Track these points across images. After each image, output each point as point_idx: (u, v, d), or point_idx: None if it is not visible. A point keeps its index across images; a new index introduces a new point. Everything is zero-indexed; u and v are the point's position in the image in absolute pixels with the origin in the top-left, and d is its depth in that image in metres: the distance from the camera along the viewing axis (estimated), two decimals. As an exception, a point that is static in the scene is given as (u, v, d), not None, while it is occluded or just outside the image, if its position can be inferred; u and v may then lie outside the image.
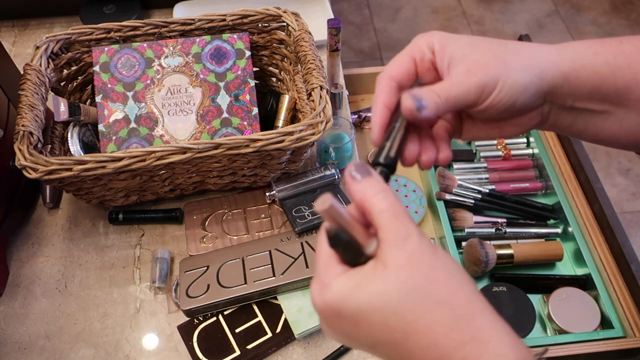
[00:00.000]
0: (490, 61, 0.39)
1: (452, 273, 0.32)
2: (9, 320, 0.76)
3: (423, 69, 0.41)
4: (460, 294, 0.32)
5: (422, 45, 0.41)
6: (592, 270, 1.02)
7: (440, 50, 0.40)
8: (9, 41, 1.14)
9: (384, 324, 0.32)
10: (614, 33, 2.18)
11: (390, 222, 0.33)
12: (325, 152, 0.86)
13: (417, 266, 0.32)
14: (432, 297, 0.31)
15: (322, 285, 0.34)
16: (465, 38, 0.40)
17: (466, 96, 0.39)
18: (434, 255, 0.33)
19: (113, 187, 0.77)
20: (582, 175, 1.15)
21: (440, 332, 0.31)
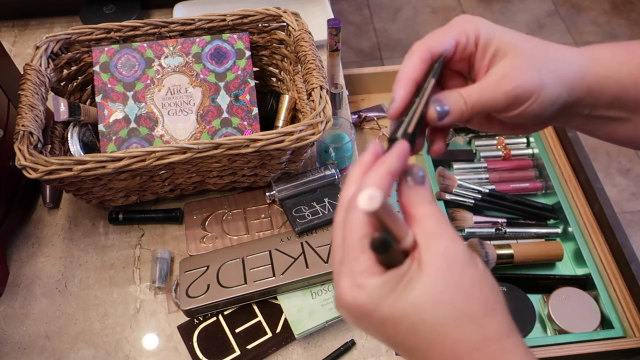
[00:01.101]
0: (528, 70, 0.38)
1: (489, 290, 0.32)
2: (9, 320, 0.76)
3: (460, 57, 0.40)
4: (494, 314, 0.31)
5: (469, 31, 0.39)
6: (592, 270, 1.02)
7: (484, 45, 0.39)
8: (9, 41, 1.14)
9: (410, 330, 0.31)
10: (614, 33, 2.18)
11: (432, 225, 0.32)
12: (325, 152, 0.86)
13: (455, 276, 0.31)
14: (466, 314, 0.31)
15: (354, 284, 0.32)
16: (510, 34, 0.39)
17: (496, 103, 0.38)
18: (474, 268, 0.32)
19: (113, 187, 0.77)
20: (582, 175, 1.15)
21: (466, 350, 0.30)
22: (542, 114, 0.39)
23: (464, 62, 0.40)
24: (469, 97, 0.38)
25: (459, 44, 0.39)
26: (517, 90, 0.37)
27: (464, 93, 0.38)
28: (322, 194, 0.83)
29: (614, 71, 0.39)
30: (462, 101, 0.38)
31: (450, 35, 0.39)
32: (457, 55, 0.40)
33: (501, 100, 0.38)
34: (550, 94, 0.38)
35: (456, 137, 1.29)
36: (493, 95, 0.38)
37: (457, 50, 0.39)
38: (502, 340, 0.31)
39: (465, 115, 0.38)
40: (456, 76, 0.42)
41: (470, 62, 0.40)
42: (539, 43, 0.39)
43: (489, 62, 0.39)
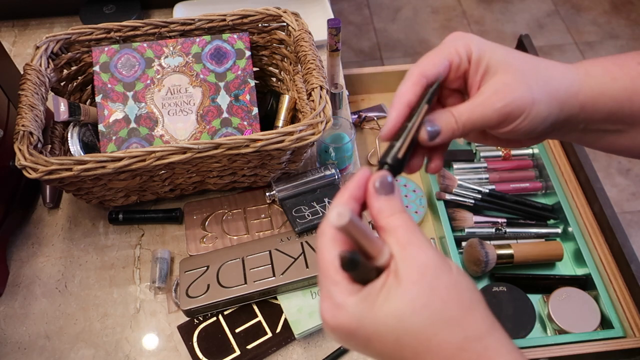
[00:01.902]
0: (519, 87, 0.38)
1: (464, 292, 0.32)
2: (9, 320, 0.76)
3: (455, 76, 0.40)
4: (472, 313, 0.32)
5: (461, 50, 0.39)
6: (592, 270, 1.02)
7: (477, 61, 0.39)
8: (9, 41, 1.14)
9: (396, 342, 0.32)
10: (614, 33, 2.18)
11: (404, 235, 0.33)
12: (325, 152, 0.86)
13: (430, 283, 0.32)
14: (445, 316, 0.31)
15: (334, 306, 0.33)
16: (500, 52, 0.39)
17: (488, 120, 0.38)
18: (448, 273, 0.32)
19: (113, 187, 0.77)
20: (582, 175, 1.15)
21: (450, 351, 0.31)
22: (534, 130, 0.39)
23: (460, 79, 0.41)
24: (459, 116, 0.38)
25: (452, 63, 0.40)
26: (507, 108, 0.38)
27: (455, 112, 0.38)
28: (322, 194, 0.83)
29: (607, 87, 0.40)
30: (453, 120, 0.38)
31: (442, 57, 0.39)
32: (452, 75, 0.40)
33: (492, 118, 0.38)
34: (541, 111, 0.38)
35: (456, 137, 1.28)
36: (483, 113, 0.38)
37: (451, 70, 0.40)
38: (483, 337, 0.32)
39: (457, 134, 0.38)
40: (454, 94, 0.42)
41: (465, 79, 0.41)
42: (530, 59, 0.40)
43: (480, 78, 0.39)
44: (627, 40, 2.15)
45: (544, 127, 0.39)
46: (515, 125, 0.38)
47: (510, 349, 0.32)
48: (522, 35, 1.40)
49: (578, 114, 0.40)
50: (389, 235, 0.33)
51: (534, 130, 0.39)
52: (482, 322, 0.32)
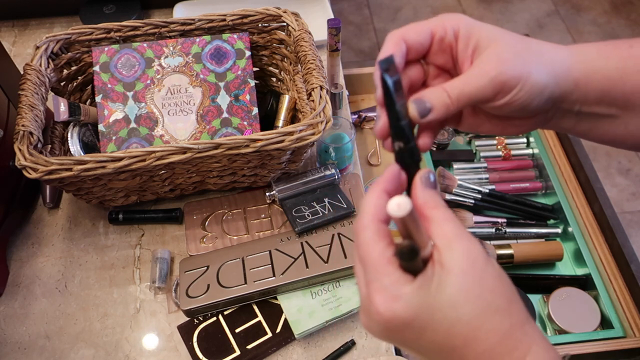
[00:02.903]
0: (513, 58, 0.37)
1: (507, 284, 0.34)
2: (9, 320, 0.76)
3: (438, 49, 0.40)
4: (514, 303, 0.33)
5: (447, 25, 0.39)
6: (592, 270, 1.03)
7: (465, 36, 0.39)
8: (9, 41, 1.14)
9: (447, 331, 0.32)
10: (614, 33, 2.18)
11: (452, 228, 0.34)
12: (325, 152, 0.86)
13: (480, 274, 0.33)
14: (494, 305, 0.32)
15: (390, 297, 0.33)
16: (490, 28, 0.39)
17: (483, 91, 0.37)
18: (493, 266, 0.34)
19: (113, 187, 0.77)
20: (582, 175, 1.15)
21: (497, 338, 0.32)
22: (531, 103, 0.38)
23: (445, 55, 0.40)
24: (452, 90, 0.37)
25: (435, 34, 0.39)
26: (502, 76, 0.37)
27: (447, 87, 0.37)
28: (322, 194, 0.83)
29: (600, 65, 0.39)
30: (445, 95, 0.37)
31: (425, 26, 0.39)
32: (435, 47, 0.40)
33: (487, 89, 0.37)
34: (537, 82, 0.38)
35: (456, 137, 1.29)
36: (478, 83, 0.37)
37: (433, 41, 0.39)
38: (524, 325, 0.33)
39: (452, 108, 0.37)
40: (442, 75, 0.42)
41: (453, 57, 0.40)
42: (521, 37, 0.39)
43: (471, 54, 0.38)
44: (627, 40, 2.15)
45: (540, 100, 0.39)
46: (511, 97, 0.37)
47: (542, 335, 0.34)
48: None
49: (572, 91, 0.39)
50: (434, 226, 0.34)
51: (530, 103, 0.38)
52: (522, 312, 0.34)
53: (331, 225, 0.80)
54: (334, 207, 0.80)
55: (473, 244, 0.33)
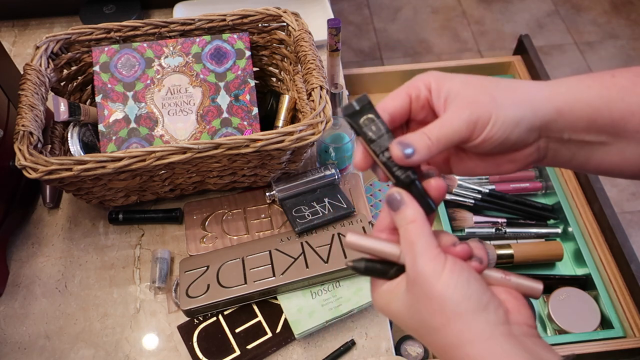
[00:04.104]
0: (482, 98, 0.39)
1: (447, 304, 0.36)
2: (9, 320, 0.76)
3: (417, 106, 0.42)
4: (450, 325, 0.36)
5: (419, 84, 0.41)
6: (592, 270, 1.03)
7: (436, 89, 0.41)
8: (9, 41, 1.14)
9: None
10: (614, 33, 2.18)
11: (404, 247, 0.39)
12: (325, 152, 0.86)
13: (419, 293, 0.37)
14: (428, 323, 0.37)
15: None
16: (460, 77, 0.41)
17: (459, 132, 0.39)
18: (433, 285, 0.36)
19: (113, 187, 0.77)
20: (582, 175, 1.15)
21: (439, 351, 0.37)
22: (509, 136, 0.39)
23: (424, 110, 0.42)
24: (430, 133, 0.39)
25: (412, 95, 0.42)
26: (473, 115, 0.38)
27: (426, 130, 0.39)
28: (322, 194, 0.83)
29: (582, 94, 0.40)
30: (426, 137, 0.39)
31: (401, 91, 0.42)
32: (414, 105, 0.42)
33: (462, 128, 0.39)
34: (509, 114, 0.39)
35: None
36: (452, 125, 0.39)
37: (412, 101, 0.42)
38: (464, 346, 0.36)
39: (433, 149, 0.39)
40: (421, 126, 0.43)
41: (431, 110, 0.42)
42: (490, 78, 0.41)
43: (444, 102, 0.40)
44: (627, 40, 2.15)
45: (519, 132, 0.39)
46: (487, 133, 0.39)
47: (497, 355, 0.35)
48: (522, 35, 1.40)
49: (556, 119, 0.40)
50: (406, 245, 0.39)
51: (509, 136, 0.39)
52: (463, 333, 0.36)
53: (331, 225, 0.80)
54: (334, 207, 0.80)
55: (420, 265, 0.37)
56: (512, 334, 0.36)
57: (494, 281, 0.40)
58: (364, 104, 0.40)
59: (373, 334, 0.74)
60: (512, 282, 0.40)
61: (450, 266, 0.37)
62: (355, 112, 0.40)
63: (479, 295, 0.36)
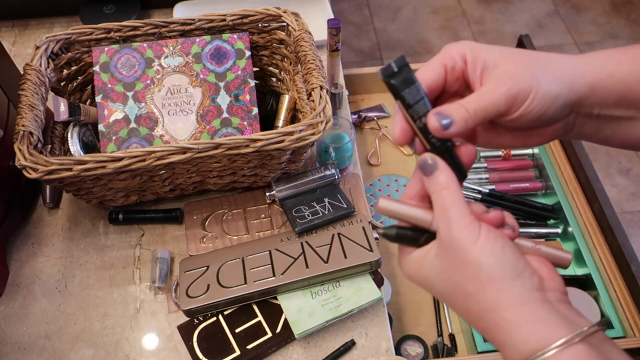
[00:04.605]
0: (522, 72, 0.39)
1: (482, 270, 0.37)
2: (9, 320, 0.76)
3: (452, 78, 0.41)
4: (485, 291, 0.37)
5: (454, 53, 0.41)
6: (592, 270, 1.02)
7: (472, 60, 0.40)
8: (9, 41, 1.14)
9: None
10: (614, 33, 2.18)
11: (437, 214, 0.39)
12: (325, 152, 0.86)
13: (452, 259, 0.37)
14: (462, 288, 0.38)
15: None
16: (497, 48, 0.41)
17: (497, 106, 0.39)
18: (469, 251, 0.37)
19: (113, 187, 0.77)
20: (582, 175, 1.15)
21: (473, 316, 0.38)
22: (546, 112, 0.39)
23: (459, 82, 0.42)
24: (469, 105, 0.39)
25: (447, 66, 0.41)
26: (513, 89, 0.38)
27: (464, 102, 0.39)
28: (322, 194, 0.83)
29: (614, 70, 0.40)
30: (463, 109, 0.38)
31: (437, 62, 0.41)
32: (449, 77, 0.41)
33: (501, 102, 0.38)
34: (549, 90, 0.39)
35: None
36: (491, 99, 0.38)
37: (447, 73, 0.41)
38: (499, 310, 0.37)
39: (470, 122, 0.38)
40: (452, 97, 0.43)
41: (465, 81, 0.42)
42: (528, 51, 0.41)
43: (480, 74, 0.40)
44: (627, 40, 2.15)
45: (555, 108, 0.39)
46: (525, 108, 0.38)
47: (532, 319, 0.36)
48: (522, 35, 1.40)
49: (589, 95, 0.40)
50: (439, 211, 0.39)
51: (546, 112, 0.39)
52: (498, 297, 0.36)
53: (331, 225, 0.80)
54: (334, 207, 0.80)
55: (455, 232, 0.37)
56: (547, 299, 0.36)
57: (524, 250, 0.40)
58: (403, 66, 0.39)
59: (373, 334, 0.74)
60: (542, 251, 0.40)
61: (485, 233, 0.37)
62: (393, 73, 0.39)
63: (514, 262, 0.37)
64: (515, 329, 0.35)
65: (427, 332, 0.99)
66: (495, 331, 0.37)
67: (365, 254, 0.75)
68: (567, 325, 0.35)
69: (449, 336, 0.98)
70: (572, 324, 0.35)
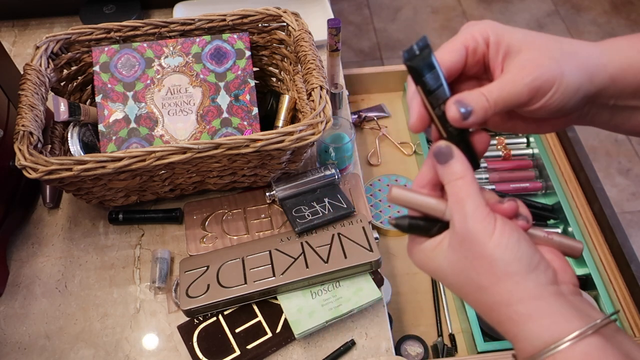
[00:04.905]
0: (546, 61, 0.37)
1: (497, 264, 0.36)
2: (9, 320, 0.76)
3: (473, 61, 0.40)
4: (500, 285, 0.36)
5: (477, 35, 0.39)
6: (592, 270, 1.02)
7: (495, 43, 0.39)
8: (9, 41, 1.14)
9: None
10: (614, 33, 2.18)
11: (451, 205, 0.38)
12: (325, 152, 0.86)
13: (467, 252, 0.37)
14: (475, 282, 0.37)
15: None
16: (520, 32, 0.39)
17: (518, 97, 0.37)
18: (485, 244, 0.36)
19: (113, 187, 0.77)
20: (582, 175, 1.15)
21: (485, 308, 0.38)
22: (566, 104, 0.38)
23: (478, 65, 0.40)
24: (490, 94, 0.37)
25: (469, 48, 0.39)
26: (537, 81, 0.37)
27: (484, 91, 0.38)
28: (322, 194, 0.83)
29: (634, 60, 0.39)
30: (484, 99, 0.37)
31: (458, 43, 0.39)
32: (470, 59, 0.40)
33: (523, 94, 0.37)
34: (571, 83, 0.37)
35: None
36: (514, 89, 0.37)
37: (468, 55, 0.40)
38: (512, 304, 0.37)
39: (490, 112, 0.37)
40: (469, 81, 0.42)
41: (485, 64, 0.40)
42: (552, 37, 0.39)
43: (502, 59, 0.39)
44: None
45: (575, 100, 0.39)
46: (546, 100, 0.38)
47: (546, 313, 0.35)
48: (522, 35, 1.39)
49: (609, 86, 0.39)
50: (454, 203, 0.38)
51: (566, 105, 0.38)
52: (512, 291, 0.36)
53: (331, 225, 0.80)
54: (334, 207, 0.80)
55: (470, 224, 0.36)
56: (561, 293, 0.36)
57: (536, 240, 0.40)
58: (424, 47, 0.37)
59: (373, 334, 0.74)
60: (554, 240, 0.40)
61: (501, 226, 0.36)
62: (415, 56, 0.36)
63: (529, 257, 0.36)
64: (529, 323, 0.35)
65: (427, 332, 0.99)
66: (508, 324, 0.36)
67: (365, 254, 0.75)
68: (581, 317, 0.35)
69: (449, 336, 0.98)
70: (586, 316, 0.35)
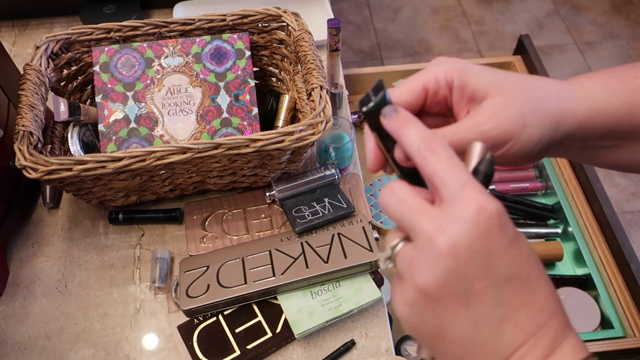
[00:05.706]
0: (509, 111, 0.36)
1: None
2: (9, 320, 0.76)
3: (433, 102, 0.39)
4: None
5: (440, 77, 0.38)
6: (592, 270, 1.03)
7: (459, 87, 0.38)
8: (9, 41, 1.14)
9: None
10: (614, 33, 2.18)
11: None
12: (325, 152, 0.86)
13: None
14: None
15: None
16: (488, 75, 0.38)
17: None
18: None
19: (113, 187, 0.77)
20: (582, 175, 1.15)
21: None
22: (529, 153, 0.38)
23: (440, 105, 0.40)
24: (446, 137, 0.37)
25: (429, 90, 0.38)
26: (494, 131, 0.36)
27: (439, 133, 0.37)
28: (322, 194, 0.83)
29: (606, 104, 0.39)
30: None
31: (417, 83, 0.38)
32: (430, 101, 0.39)
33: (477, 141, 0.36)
34: (533, 135, 0.37)
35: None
36: (467, 136, 0.36)
37: (427, 96, 0.39)
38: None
39: None
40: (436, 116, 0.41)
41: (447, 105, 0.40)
42: (522, 80, 0.38)
43: (467, 103, 0.38)
44: (627, 40, 2.15)
45: (538, 148, 0.38)
46: (505, 150, 0.37)
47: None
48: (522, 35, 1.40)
49: (576, 132, 0.39)
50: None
51: (528, 154, 0.38)
52: None
53: (331, 225, 0.80)
54: (334, 207, 0.80)
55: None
56: None
57: None
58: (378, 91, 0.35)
59: (373, 334, 0.74)
60: None
61: None
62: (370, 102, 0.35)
63: None
64: None
65: (427, 332, 0.99)
66: None
67: (365, 254, 0.75)
68: None
69: (449, 336, 0.98)
70: None
